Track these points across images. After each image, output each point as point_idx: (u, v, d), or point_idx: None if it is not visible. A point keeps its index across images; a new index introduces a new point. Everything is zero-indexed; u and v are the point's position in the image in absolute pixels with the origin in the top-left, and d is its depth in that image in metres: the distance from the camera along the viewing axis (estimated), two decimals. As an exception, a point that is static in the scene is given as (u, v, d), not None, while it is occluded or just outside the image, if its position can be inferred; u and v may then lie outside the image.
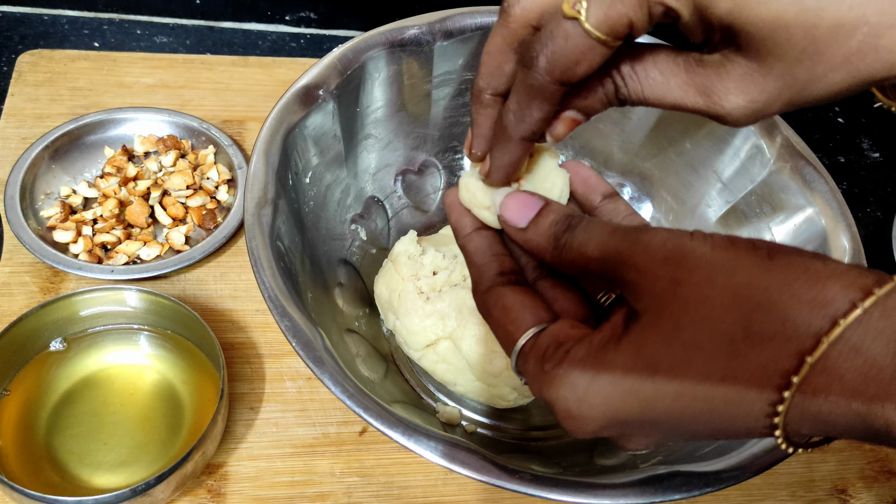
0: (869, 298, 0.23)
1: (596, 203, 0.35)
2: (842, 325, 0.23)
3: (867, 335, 0.23)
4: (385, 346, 0.56)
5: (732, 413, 0.25)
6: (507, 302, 0.31)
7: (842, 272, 0.24)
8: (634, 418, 0.26)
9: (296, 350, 0.40)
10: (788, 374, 0.24)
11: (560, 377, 0.27)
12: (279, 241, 0.46)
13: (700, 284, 0.25)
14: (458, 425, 0.53)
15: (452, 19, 0.54)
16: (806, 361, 0.23)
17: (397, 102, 0.56)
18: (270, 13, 0.77)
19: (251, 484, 0.49)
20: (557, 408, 0.27)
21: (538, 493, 0.37)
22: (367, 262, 0.58)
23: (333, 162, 0.54)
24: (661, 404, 0.26)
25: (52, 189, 0.60)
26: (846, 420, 0.24)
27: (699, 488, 0.38)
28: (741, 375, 0.24)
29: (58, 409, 0.49)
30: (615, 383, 0.26)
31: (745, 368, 0.24)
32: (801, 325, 0.23)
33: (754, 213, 0.54)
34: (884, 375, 0.23)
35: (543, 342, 0.29)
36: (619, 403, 0.26)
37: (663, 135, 0.58)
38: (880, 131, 0.82)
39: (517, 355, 0.30)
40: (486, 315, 0.32)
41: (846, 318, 0.23)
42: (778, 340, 0.24)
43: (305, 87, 0.50)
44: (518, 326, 0.30)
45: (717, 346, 0.24)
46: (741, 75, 0.29)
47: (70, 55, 0.68)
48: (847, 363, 0.23)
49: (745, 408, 0.25)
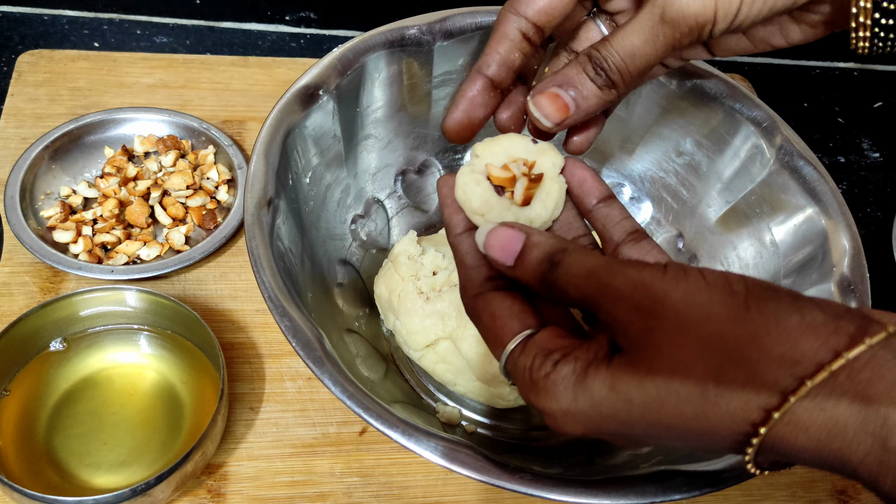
0: (837, 361, 0.24)
1: (590, 206, 0.35)
2: (808, 385, 0.24)
3: (832, 394, 0.24)
4: (385, 347, 0.56)
5: (704, 444, 0.27)
6: (496, 307, 0.31)
7: (817, 327, 0.25)
8: (615, 434, 0.28)
9: (296, 350, 0.40)
10: (756, 424, 0.25)
11: (546, 389, 0.28)
12: (279, 241, 0.46)
13: (672, 333, 0.26)
14: (458, 425, 0.53)
15: (452, 19, 0.54)
16: (773, 416, 0.24)
17: (397, 102, 0.56)
18: (270, 13, 0.77)
19: (251, 484, 0.49)
20: (544, 413, 0.29)
21: (538, 492, 0.37)
22: (367, 262, 0.58)
23: (333, 162, 0.54)
24: (637, 430, 0.28)
25: (52, 189, 0.60)
26: (813, 461, 0.25)
27: (699, 488, 0.38)
28: (712, 419, 0.26)
29: (58, 409, 0.49)
30: (594, 407, 0.27)
31: (715, 414, 0.26)
32: (769, 381, 0.24)
33: (754, 213, 0.54)
34: (847, 433, 0.24)
35: (531, 350, 0.30)
36: (599, 423, 0.28)
37: (663, 134, 0.58)
38: (880, 131, 0.82)
39: (506, 360, 0.31)
40: (475, 319, 0.33)
41: (813, 378, 0.24)
42: (747, 393, 0.25)
43: (305, 87, 0.49)
44: (506, 332, 0.31)
45: (688, 392, 0.26)
46: None
47: (70, 55, 0.68)
48: (812, 418, 0.24)
49: (715, 443, 0.27)
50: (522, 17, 0.34)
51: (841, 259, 0.48)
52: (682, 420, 0.26)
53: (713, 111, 0.55)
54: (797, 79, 0.85)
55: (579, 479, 0.38)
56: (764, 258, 0.53)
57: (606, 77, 0.33)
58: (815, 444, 0.25)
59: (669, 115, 0.57)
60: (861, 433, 0.24)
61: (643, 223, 0.61)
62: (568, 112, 0.33)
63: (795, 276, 0.50)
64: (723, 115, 0.54)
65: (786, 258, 0.52)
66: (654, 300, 0.26)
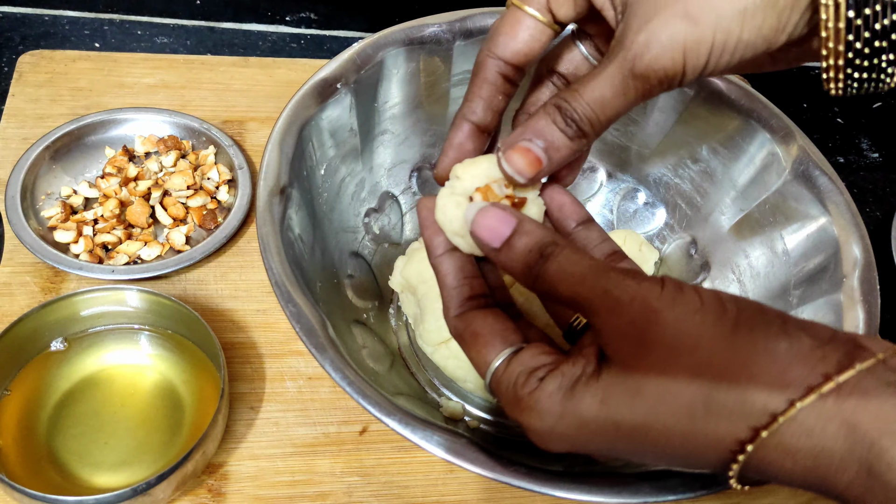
0: (827, 384, 0.24)
1: (570, 229, 0.35)
2: (797, 407, 0.24)
3: (820, 419, 0.24)
4: (392, 341, 0.56)
5: (690, 463, 0.28)
6: (477, 326, 0.31)
7: (805, 355, 0.25)
8: (598, 452, 0.29)
9: (298, 335, 0.40)
10: (744, 443, 0.25)
11: (530, 408, 0.28)
12: (290, 231, 0.46)
13: (663, 357, 0.26)
14: (461, 420, 0.53)
15: (472, 18, 0.54)
16: (760, 435, 0.25)
17: (415, 100, 0.56)
18: (271, 14, 0.77)
19: (252, 483, 0.50)
20: (528, 431, 0.29)
21: (538, 488, 0.37)
22: (379, 256, 0.59)
23: (349, 155, 0.54)
24: (623, 449, 0.28)
25: (52, 189, 0.60)
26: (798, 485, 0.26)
27: (694, 490, 0.38)
28: (699, 440, 0.26)
29: (59, 408, 0.49)
30: (581, 427, 0.28)
31: (704, 435, 0.26)
32: (758, 405, 0.25)
33: (768, 222, 0.54)
34: (833, 458, 0.24)
35: (515, 368, 0.29)
36: (584, 442, 0.28)
37: (680, 140, 0.58)
38: (880, 131, 0.82)
39: (490, 378, 0.31)
40: (458, 339, 0.33)
41: (803, 400, 0.24)
42: (735, 417, 0.25)
43: (324, 80, 0.50)
44: (489, 350, 0.31)
45: (677, 414, 0.26)
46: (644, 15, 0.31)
47: (71, 56, 0.68)
48: (799, 443, 0.25)
49: (701, 463, 0.27)
50: (500, 59, 0.34)
51: (852, 270, 0.48)
52: (670, 440, 0.26)
53: (730, 118, 0.54)
54: (796, 79, 0.85)
55: (576, 476, 0.38)
56: (775, 266, 0.53)
57: (577, 128, 0.32)
58: (801, 469, 0.25)
59: (686, 120, 0.56)
60: (847, 459, 0.24)
61: (656, 229, 0.62)
62: (540, 165, 0.33)
63: (806, 286, 0.50)
64: (739, 122, 0.54)
65: (797, 267, 0.52)
66: (649, 318, 0.26)
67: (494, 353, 0.30)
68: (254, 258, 0.59)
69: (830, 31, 0.27)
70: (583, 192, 0.64)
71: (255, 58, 0.72)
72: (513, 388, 0.29)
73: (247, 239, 0.60)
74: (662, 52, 0.29)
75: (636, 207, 0.62)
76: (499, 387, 0.30)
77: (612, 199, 0.63)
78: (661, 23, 0.29)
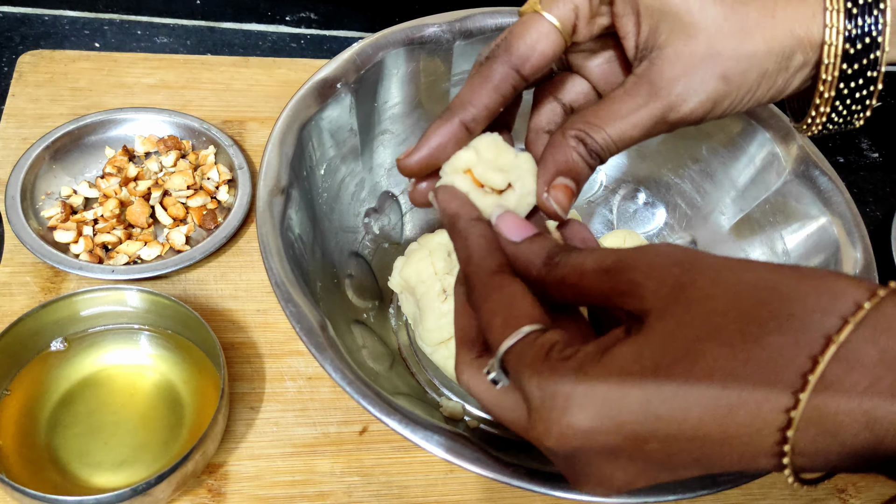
0: (873, 299, 0.23)
1: None
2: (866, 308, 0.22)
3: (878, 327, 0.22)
4: (392, 340, 0.56)
5: (738, 421, 0.23)
6: (515, 289, 0.29)
7: (847, 276, 0.24)
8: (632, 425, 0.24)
9: (298, 335, 0.40)
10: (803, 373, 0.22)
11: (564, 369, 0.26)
12: (290, 231, 0.46)
13: (706, 285, 0.25)
14: (461, 420, 0.53)
15: (473, 18, 0.54)
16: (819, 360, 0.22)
17: (415, 99, 0.56)
18: (271, 14, 0.77)
19: (252, 483, 0.50)
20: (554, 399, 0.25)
21: (538, 488, 0.37)
22: (379, 256, 0.59)
23: (349, 155, 0.54)
24: (663, 408, 0.24)
25: (52, 189, 0.60)
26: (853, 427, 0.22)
27: (694, 490, 0.38)
28: (750, 373, 0.23)
29: (58, 408, 0.49)
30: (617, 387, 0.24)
31: (754, 365, 0.23)
32: (815, 322, 0.23)
33: (768, 222, 0.54)
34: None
35: (548, 338, 0.27)
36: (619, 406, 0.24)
37: (680, 140, 0.58)
38: (880, 131, 0.82)
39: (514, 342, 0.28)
40: (483, 298, 0.30)
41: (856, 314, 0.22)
42: (788, 336, 0.23)
43: (324, 80, 0.50)
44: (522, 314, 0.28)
45: (722, 342, 0.23)
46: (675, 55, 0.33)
47: (71, 55, 0.68)
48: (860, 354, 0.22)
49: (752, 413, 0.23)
50: (515, 68, 0.34)
51: (852, 270, 0.48)
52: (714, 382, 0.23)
53: (730, 118, 0.54)
54: (797, 79, 0.85)
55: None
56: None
57: (599, 158, 0.35)
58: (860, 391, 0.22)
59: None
60: None
61: (656, 229, 0.62)
62: (574, 195, 0.35)
63: (806, 287, 0.51)
64: (739, 122, 0.54)
65: None
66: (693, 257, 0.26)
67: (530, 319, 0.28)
68: (254, 258, 0.59)
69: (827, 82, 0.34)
70: (583, 192, 0.64)
71: (255, 58, 0.72)
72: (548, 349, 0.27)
73: (247, 239, 0.60)
74: (699, 106, 0.34)
75: (636, 207, 0.63)
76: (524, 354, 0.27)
77: (612, 199, 0.63)
78: (700, 80, 0.33)
